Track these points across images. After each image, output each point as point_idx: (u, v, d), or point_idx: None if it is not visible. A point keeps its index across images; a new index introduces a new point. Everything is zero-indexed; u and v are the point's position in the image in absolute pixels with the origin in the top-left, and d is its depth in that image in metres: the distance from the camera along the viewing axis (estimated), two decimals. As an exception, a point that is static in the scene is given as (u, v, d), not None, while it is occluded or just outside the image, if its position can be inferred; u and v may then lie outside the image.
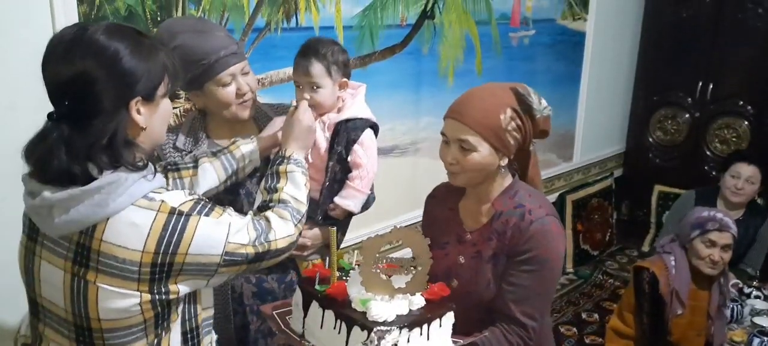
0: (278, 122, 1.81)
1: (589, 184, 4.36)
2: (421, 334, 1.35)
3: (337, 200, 1.85)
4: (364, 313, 1.32)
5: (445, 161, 1.60)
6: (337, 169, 1.84)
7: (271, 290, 1.86)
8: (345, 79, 1.82)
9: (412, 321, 1.33)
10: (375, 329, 1.28)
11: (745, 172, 3.25)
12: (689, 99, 4.32)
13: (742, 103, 4.13)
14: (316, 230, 1.83)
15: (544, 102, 1.58)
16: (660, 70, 4.41)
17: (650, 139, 4.53)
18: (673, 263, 2.55)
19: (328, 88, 1.78)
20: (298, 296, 1.48)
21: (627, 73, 4.55)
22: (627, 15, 4.40)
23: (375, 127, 1.86)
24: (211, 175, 1.66)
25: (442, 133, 1.60)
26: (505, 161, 1.59)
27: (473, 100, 1.54)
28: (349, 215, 1.89)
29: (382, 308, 1.31)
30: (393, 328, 1.29)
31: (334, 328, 1.35)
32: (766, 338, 2.63)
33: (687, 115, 4.36)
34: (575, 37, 4.04)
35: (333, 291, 1.39)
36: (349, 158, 1.82)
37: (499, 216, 1.61)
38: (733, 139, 4.18)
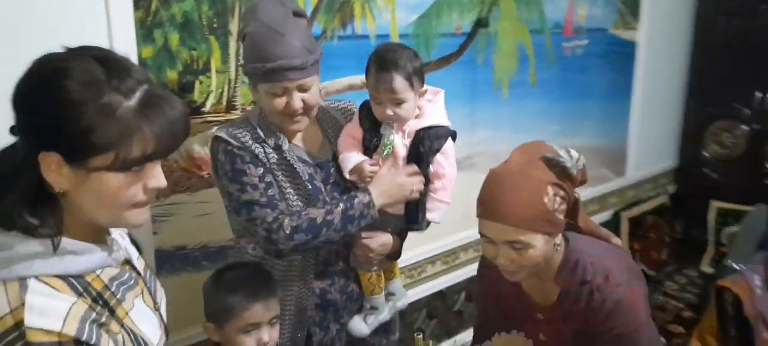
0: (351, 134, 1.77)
1: (643, 201, 4.17)
2: None
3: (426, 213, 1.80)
4: None
5: (498, 263, 1.46)
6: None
7: (333, 300, 1.83)
8: (424, 88, 1.72)
9: None
10: None
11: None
12: (746, 110, 4.12)
13: (803, 113, 3.93)
14: (385, 238, 1.78)
15: (574, 153, 1.46)
16: (714, 80, 4.22)
17: (705, 153, 4.32)
18: (758, 283, 2.37)
19: (411, 102, 1.69)
20: None
21: (679, 85, 4.36)
22: (679, 24, 4.23)
23: (454, 136, 1.75)
24: None
25: (482, 234, 1.45)
26: (559, 238, 1.47)
27: (509, 195, 1.38)
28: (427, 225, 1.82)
29: None
30: None
31: None
32: None
33: (744, 127, 4.15)
34: (627, 48, 3.88)
35: None
36: (431, 168, 1.73)
37: (567, 296, 1.50)
38: (797, 151, 3.97)
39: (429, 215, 1.80)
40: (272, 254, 1.68)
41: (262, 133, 1.69)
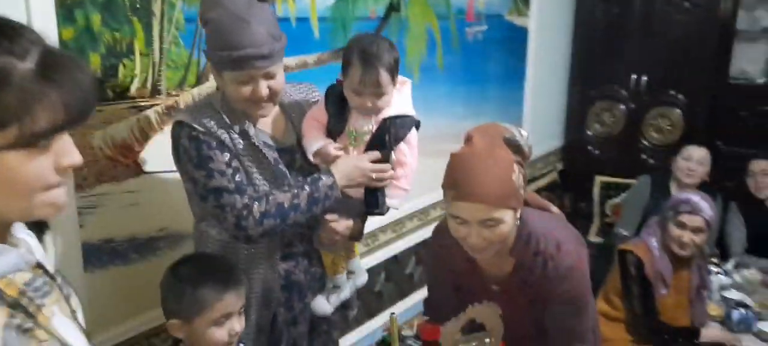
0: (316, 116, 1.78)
1: (537, 178, 4.42)
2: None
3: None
4: None
5: (469, 243, 1.50)
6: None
7: (297, 281, 1.84)
8: (399, 78, 1.75)
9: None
10: None
11: (696, 154, 3.40)
12: (624, 91, 4.49)
13: (673, 92, 4.33)
14: (350, 222, 1.80)
15: (523, 132, 1.54)
16: (594, 65, 4.56)
17: (588, 132, 4.66)
18: (655, 245, 2.60)
19: (390, 94, 1.71)
20: None
21: (564, 69, 4.67)
22: (562, 11, 4.52)
23: (418, 125, 1.79)
24: None
25: (455, 216, 1.49)
26: (519, 213, 1.54)
27: (483, 176, 1.43)
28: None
29: None
30: None
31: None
32: (744, 310, 2.73)
33: (623, 107, 4.52)
34: (520, 34, 4.09)
35: None
36: (393, 156, 1.76)
37: (522, 267, 1.58)
38: (668, 127, 4.38)
39: (389, 201, 1.82)
40: (242, 240, 1.66)
41: (227, 119, 1.66)
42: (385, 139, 1.74)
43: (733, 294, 2.93)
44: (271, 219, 1.62)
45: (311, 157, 1.76)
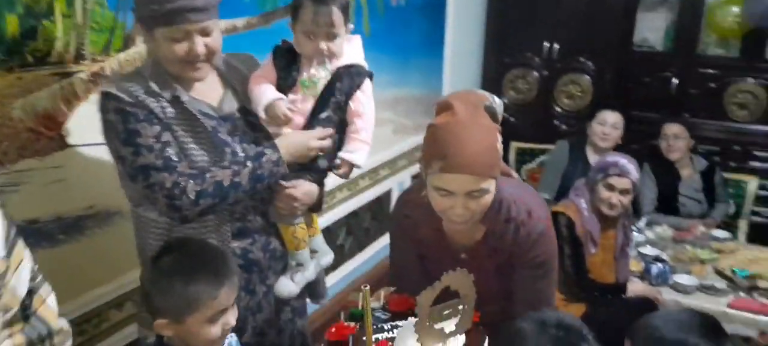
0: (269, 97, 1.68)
1: (457, 145, 4.48)
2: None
3: (343, 155, 1.78)
4: None
5: (453, 214, 1.47)
6: (335, 119, 1.71)
7: (256, 260, 1.72)
8: (350, 25, 1.68)
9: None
10: None
11: (610, 118, 3.54)
12: (537, 58, 4.61)
13: (582, 59, 4.49)
14: (309, 186, 1.71)
15: (497, 99, 1.55)
16: (509, 32, 4.65)
17: (504, 99, 4.76)
18: (584, 206, 2.69)
19: (342, 36, 1.66)
20: None
21: (479, 37, 4.73)
22: (478, -20, 4.57)
23: (371, 76, 1.73)
24: None
25: (440, 188, 1.45)
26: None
27: (472, 146, 1.39)
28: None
29: None
30: None
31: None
32: (661, 264, 2.89)
33: (536, 74, 4.65)
34: (440, 1, 4.10)
35: None
36: (351, 107, 1.70)
37: (493, 234, 1.57)
38: (578, 94, 4.55)
39: (351, 157, 1.76)
40: (178, 221, 1.54)
41: (155, 87, 1.52)
42: (337, 87, 1.69)
43: (649, 250, 3.10)
44: (208, 198, 1.51)
45: (261, 113, 1.66)
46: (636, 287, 2.73)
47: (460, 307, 1.38)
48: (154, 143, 1.47)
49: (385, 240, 3.81)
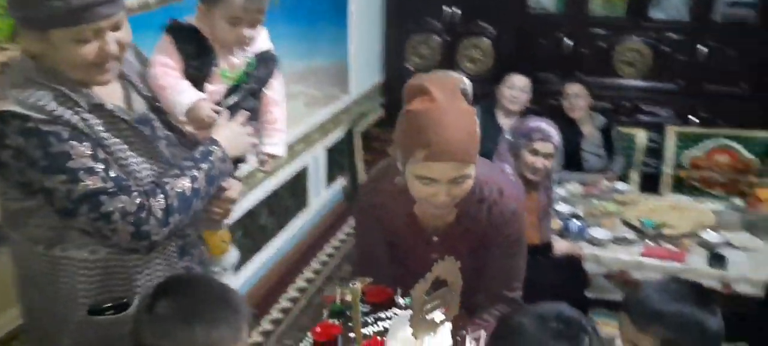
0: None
1: (366, 115, 4.45)
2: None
3: (267, 149, 1.71)
4: None
5: (436, 201, 1.44)
6: (247, 106, 1.63)
7: None
8: None
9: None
10: None
11: (519, 82, 3.65)
12: (438, 23, 4.65)
13: (482, 23, 4.58)
14: (238, 184, 1.64)
15: (465, 79, 1.55)
16: (409, -2, 4.65)
17: (408, 66, 4.77)
18: (509, 170, 2.77)
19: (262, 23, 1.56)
20: None
21: (381, 4, 4.69)
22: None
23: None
24: None
25: (424, 176, 1.41)
26: None
27: (456, 133, 1.37)
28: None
29: None
30: None
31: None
32: (577, 220, 3.05)
33: (437, 39, 4.69)
34: (343, -31, 4.02)
35: None
36: (267, 95, 1.67)
37: (466, 215, 1.57)
38: (480, 57, 4.65)
39: (274, 149, 1.70)
40: (143, 251, 1.32)
41: (70, 93, 1.25)
42: (253, 75, 1.62)
43: (563, 207, 3.25)
44: (175, 214, 1.31)
45: (180, 116, 1.51)
46: (561, 246, 2.86)
47: (449, 296, 1.38)
48: (93, 164, 1.22)
49: (305, 217, 3.76)
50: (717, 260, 2.89)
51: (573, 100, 3.74)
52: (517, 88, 3.63)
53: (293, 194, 3.58)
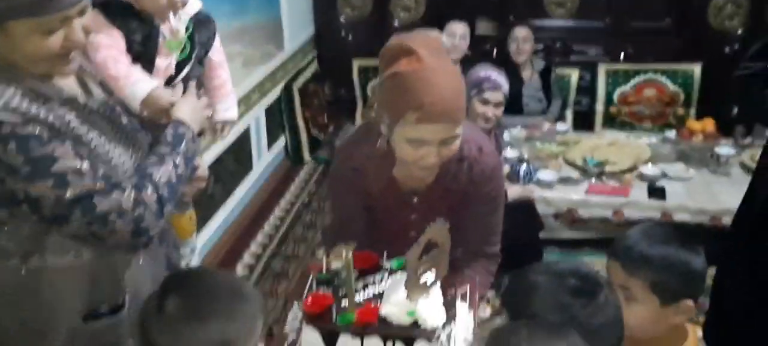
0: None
1: (303, 70, 4.35)
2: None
3: (222, 116, 1.70)
4: (415, 324, 1.29)
5: (426, 163, 1.41)
6: (195, 75, 1.60)
7: (175, 263, 1.58)
8: None
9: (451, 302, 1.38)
10: (438, 334, 1.28)
11: (459, 30, 3.64)
12: (368, -28, 4.56)
13: (413, -30, 4.53)
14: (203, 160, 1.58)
15: (443, 37, 1.53)
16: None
17: (340, 18, 4.68)
18: (460, 120, 2.78)
19: None
20: (310, 338, 1.32)
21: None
22: None
23: None
24: None
25: (414, 139, 1.38)
26: None
27: (448, 93, 1.34)
28: None
29: (432, 310, 1.30)
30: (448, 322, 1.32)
31: (385, 352, 1.28)
32: (525, 164, 3.11)
33: (369, -12, 4.61)
34: None
35: (364, 316, 1.30)
36: (212, 59, 1.64)
37: (447, 174, 1.55)
38: (412, 4, 4.60)
39: (228, 115, 1.69)
40: (141, 246, 1.25)
41: (39, 88, 1.14)
42: (196, 40, 1.58)
43: (510, 152, 3.31)
44: (168, 204, 1.24)
45: (136, 105, 1.43)
46: (513, 191, 2.92)
47: (439, 257, 1.38)
48: (79, 164, 1.13)
49: (250, 181, 3.67)
50: (656, 192, 3.05)
51: (521, 44, 3.76)
52: (457, 35, 3.62)
53: (237, 159, 3.47)
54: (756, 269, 1.72)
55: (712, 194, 3.02)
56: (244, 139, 3.56)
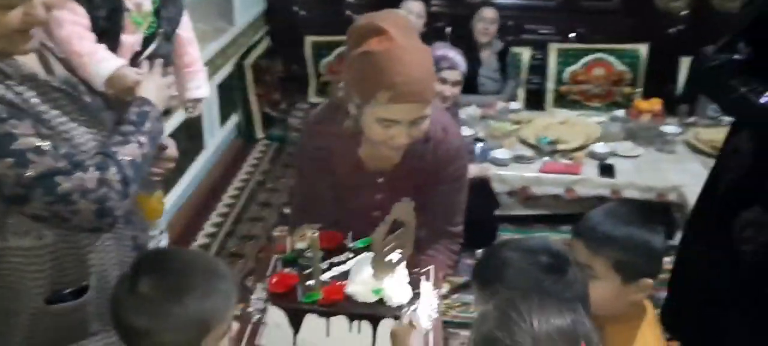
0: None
1: (254, 46, 4.27)
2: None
3: (193, 95, 1.69)
4: (381, 302, 1.30)
5: (395, 143, 1.41)
6: (163, 53, 1.56)
7: (142, 244, 1.49)
8: None
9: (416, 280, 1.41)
10: (405, 311, 1.29)
11: (415, 8, 3.63)
12: (319, -54, 4.49)
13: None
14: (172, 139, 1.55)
15: (410, 16, 1.53)
16: None
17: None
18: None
19: None
20: (275, 318, 1.32)
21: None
22: None
23: None
24: None
25: (385, 119, 1.37)
26: None
27: (420, 73, 1.34)
28: None
29: (398, 289, 1.32)
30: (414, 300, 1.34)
31: (351, 331, 1.31)
32: (480, 142, 3.15)
33: (321, -36, 4.54)
34: None
35: (330, 295, 1.31)
36: (181, 36, 1.62)
37: (413, 154, 1.55)
38: (366, -19, 4.55)
39: (200, 92, 1.68)
40: (106, 229, 1.21)
41: (1, 65, 1.11)
42: (163, 16, 1.55)
43: (466, 131, 3.32)
44: (133, 185, 1.20)
45: (100, 86, 1.39)
46: (470, 169, 2.94)
47: (404, 235, 1.38)
48: (40, 143, 1.09)
49: (203, 159, 3.60)
50: (606, 169, 3.13)
51: (488, 24, 3.76)
52: (414, 13, 3.60)
53: (189, 137, 3.39)
54: (717, 254, 1.78)
55: (659, 171, 3.12)
56: (196, 117, 3.47)
